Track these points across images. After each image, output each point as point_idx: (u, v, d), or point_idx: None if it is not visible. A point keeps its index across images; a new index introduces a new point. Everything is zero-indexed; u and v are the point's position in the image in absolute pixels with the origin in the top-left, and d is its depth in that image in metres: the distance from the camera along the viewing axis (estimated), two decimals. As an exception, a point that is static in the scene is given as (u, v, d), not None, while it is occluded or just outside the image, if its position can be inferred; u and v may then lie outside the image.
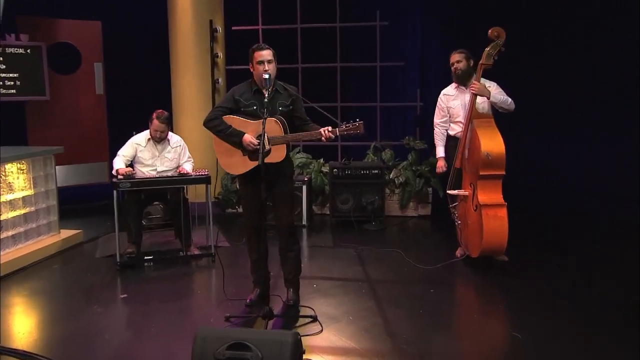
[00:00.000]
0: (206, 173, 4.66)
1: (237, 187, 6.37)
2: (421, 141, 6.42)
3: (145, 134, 4.85)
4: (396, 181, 6.25)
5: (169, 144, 4.87)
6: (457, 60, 4.48)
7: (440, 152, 4.66)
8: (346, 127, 3.21)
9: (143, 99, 7.60)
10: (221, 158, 3.60)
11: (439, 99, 4.67)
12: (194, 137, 6.42)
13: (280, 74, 3.70)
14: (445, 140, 4.68)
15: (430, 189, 6.25)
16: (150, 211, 5.22)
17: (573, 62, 7.15)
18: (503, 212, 4.09)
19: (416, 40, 8.02)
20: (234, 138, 3.51)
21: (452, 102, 4.60)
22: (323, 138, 3.27)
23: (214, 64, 6.57)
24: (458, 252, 4.74)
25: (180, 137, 5.45)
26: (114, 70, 7.53)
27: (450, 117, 4.63)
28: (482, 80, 4.40)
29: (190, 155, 5.02)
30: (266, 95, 3.40)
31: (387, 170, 6.27)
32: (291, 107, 3.55)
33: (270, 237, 3.83)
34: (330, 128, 3.25)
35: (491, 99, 4.31)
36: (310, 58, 6.94)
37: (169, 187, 4.69)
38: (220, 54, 6.62)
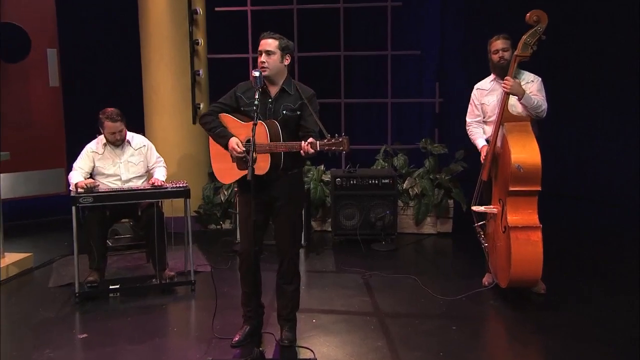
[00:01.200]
0: (184, 185, 4.65)
1: (222, 198, 6.40)
2: (441, 145, 6.38)
3: (100, 139, 4.83)
4: (411, 192, 6.24)
5: (130, 146, 4.85)
6: (504, 48, 4.36)
7: (480, 142, 4.48)
8: (327, 142, 3.23)
9: (108, 93, 7.58)
10: (213, 161, 3.69)
11: (472, 95, 4.60)
12: (169, 139, 6.40)
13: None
14: (483, 133, 4.56)
15: (451, 202, 6.22)
16: (117, 230, 5.16)
17: (626, 54, 7.04)
18: (537, 236, 3.99)
19: (435, 25, 7.99)
20: (221, 140, 3.57)
21: (486, 98, 4.52)
22: (302, 152, 3.30)
23: (193, 52, 6.52)
24: (485, 280, 4.68)
25: (151, 139, 5.36)
26: (72, 58, 7.47)
27: (483, 115, 4.56)
28: (525, 73, 4.33)
29: (160, 156, 5.01)
30: (256, 97, 3.40)
31: (400, 179, 6.28)
32: (298, 112, 3.55)
33: (266, 259, 3.86)
34: (311, 141, 3.28)
35: (522, 100, 4.24)
36: (308, 45, 6.92)
37: (139, 202, 4.68)
38: (201, 40, 6.56)
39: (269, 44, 3.52)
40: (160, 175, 4.85)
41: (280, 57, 3.53)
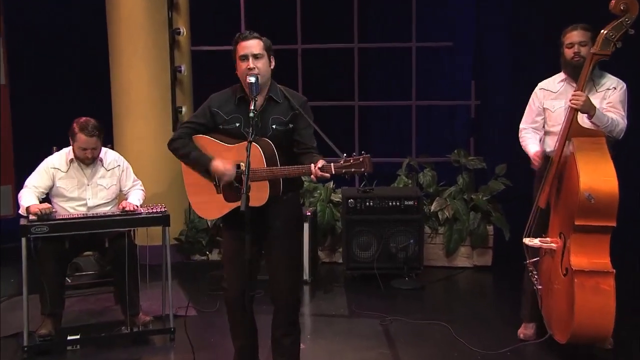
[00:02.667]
0: (163, 209, 4.67)
1: (208, 223, 6.41)
2: (477, 158, 6.37)
3: (66, 153, 4.82)
4: (440, 216, 6.22)
5: (102, 165, 4.87)
6: (581, 41, 4.21)
7: (533, 148, 4.43)
8: (344, 163, 3.24)
9: (68, 94, 7.54)
10: (190, 194, 3.74)
11: (533, 95, 4.50)
12: (144, 151, 6.40)
13: (279, 70, 3.71)
14: (539, 140, 4.46)
15: (490, 228, 6.20)
16: (78, 264, 5.14)
17: None
18: (608, 284, 3.87)
19: (469, 10, 7.93)
20: (199, 166, 3.60)
21: (552, 102, 4.41)
22: (312, 177, 3.31)
23: (173, 43, 6.52)
24: (522, 332, 4.59)
25: (122, 150, 5.31)
26: (22, 50, 7.45)
27: (546, 123, 4.46)
28: (607, 77, 4.20)
29: (137, 179, 5.05)
30: (252, 107, 3.40)
31: (427, 199, 6.29)
32: (291, 125, 3.58)
33: (262, 299, 3.86)
34: (323, 163, 3.29)
35: (593, 119, 4.09)
36: (314, 36, 6.92)
37: (107, 232, 4.66)
38: (184, 30, 6.58)
39: (254, 45, 3.54)
40: (135, 198, 4.87)
41: (267, 59, 3.56)
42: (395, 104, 7.95)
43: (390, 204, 5.87)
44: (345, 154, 3.26)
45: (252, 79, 3.42)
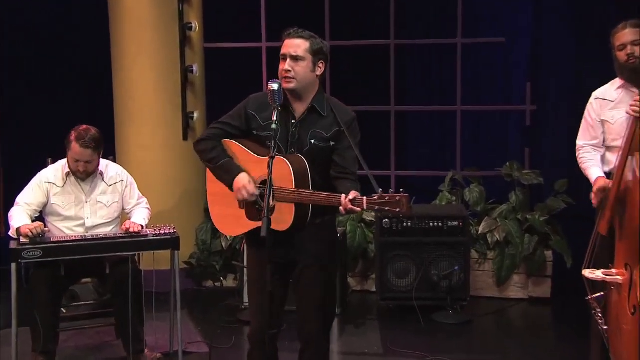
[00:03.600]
0: (172, 230, 4.69)
1: (223, 245, 6.48)
2: (533, 172, 6.32)
3: (62, 165, 4.84)
4: (490, 239, 6.16)
5: (102, 179, 4.88)
6: (634, 40, 4.16)
7: (595, 172, 4.36)
8: (379, 200, 3.28)
9: (67, 99, 7.56)
10: (212, 205, 3.80)
11: (588, 106, 4.44)
12: (150, 161, 6.40)
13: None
14: (600, 162, 4.39)
15: (549, 254, 6.14)
16: (75, 292, 5.11)
17: None
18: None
19: (525, 2, 7.84)
20: (225, 176, 3.64)
21: (611, 113, 4.34)
22: (341, 209, 3.37)
23: (184, 40, 6.51)
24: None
25: (125, 161, 5.33)
26: (9, 47, 7.48)
27: (605, 138, 4.39)
28: None
29: (142, 196, 5.07)
30: (273, 118, 3.46)
31: (474, 219, 6.27)
32: (332, 143, 3.62)
33: (285, 334, 3.83)
34: (355, 195, 3.34)
35: None
36: (343, 31, 6.91)
37: (108, 256, 4.68)
38: (196, 25, 6.55)
39: (297, 45, 3.55)
40: (139, 217, 4.88)
41: (311, 64, 3.57)
42: (437, 109, 7.96)
43: (431, 224, 5.83)
44: (381, 189, 3.27)
45: (274, 86, 3.44)
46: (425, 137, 8.96)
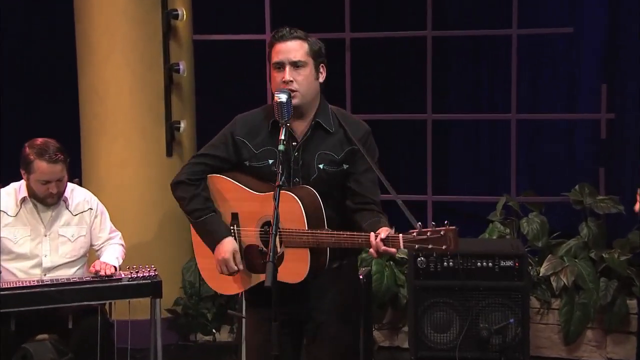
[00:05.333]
0: (152, 273, 4.71)
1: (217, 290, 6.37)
2: (610, 198, 6.29)
3: (15, 189, 4.87)
4: (554, 283, 6.11)
5: (66, 207, 4.90)
6: None
7: None
8: (419, 235, 3.30)
9: (16, 100, 7.54)
10: (199, 255, 3.84)
11: None
12: (126, 182, 6.43)
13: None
14: None
15: (633, 303, 6.08)
16: (29, 352, 4.97)
17: None
18: None
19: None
20: (206, 237, 3.71)
21: None
22: (372, 250, 3.38)
23: (169, 31, 6.53)
24: None
25: (94, 180, 5.48)
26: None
27: None
28: None
29: (115, 229, 5.10)
30: (281, 137, 3.46)
31: (535, 258, 6.26)
32: (345, 166, 3.65)
33: None
34: (387, 233, 3.36)
35: None
36: (367, 21, 7.03)
37: (72, 306, 4.64)
38: (183, 12, 6.56)
39: (295, 48, 3.59)
40: (111, 256, 4.89)
41: (314, 69, 3.63)
42: (486, 117, 7.93)
43: (478, 264, 5.73)
44: (419, 223, 3.30)
45: (282, 97, 3.44)
46: (470, 153, 8.90)
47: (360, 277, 5.79)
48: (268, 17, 6.73)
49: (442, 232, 3.26)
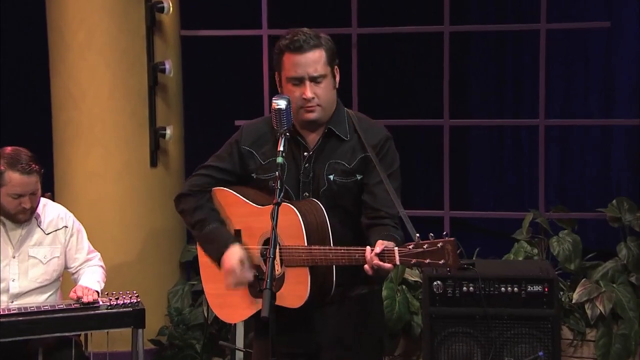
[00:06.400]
0: (135, 300, 4.72)
1: (205, 314, 6.48)
2: None
3: None
4: (589, 311, 6.07)
5: (37, 225, 4.90)
6: None
7: None
8: (415, 248, 3.31)
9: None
10: (207, 282, 3.90)
11: None
12: (104, 196, 6.43)
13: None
14: None
15: None
16: None
17: None
18: None
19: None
20: (210, 249, 3.74)
21: None
22: (366, 267, 3.39)
23: (152, 26, 6.53)
24: None
25: (69, 195, 5.52)
26: None
27: None
28: None
29: (93, 249, 5.12)
30: (280, 148, 3.45)
31: (567, 283, 6.27)
32: (359, 176, 3.69)
33: None
34: (382, 246, 3.36)
35: None
36: (374, 15, 7.05)
37: (43, 338, 4.63)
38: (169, 4, 6.51)
39: (315, 60, 3.60)
40: (92, 279, 4.88)
41: (332, 78, 3.66)
42: (510, 123, 7.90)
43: (502, 289, 5.69)
44: (417, 235, 3.30)
45: (281, 104, 3.44)
46: (493, 163, 8.91)
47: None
48: (265, 10, 6.70)
49: (439, 245, 3.26)
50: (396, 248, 3.30)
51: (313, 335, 3.66)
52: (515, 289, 5.68)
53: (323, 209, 3.52)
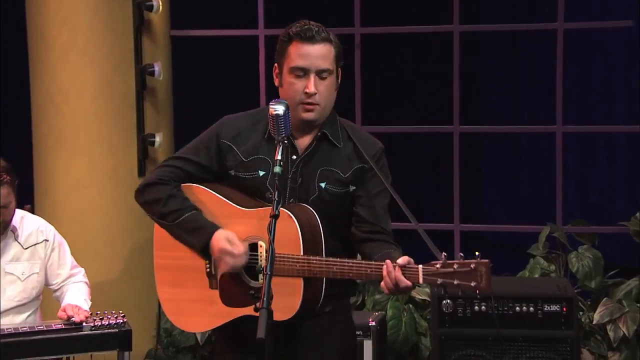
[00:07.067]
0: (121, 321, 4.68)
1: (197, 337, 6.46)
2: None
3: None
4: (612, 334, 6.07)
5: (15, 239, 4.90)
6: None
7: None
8: (443, 268, 3.30)
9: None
10: (160, 282, 3.86)
11: None
12: (88, 206, 6.44)
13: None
14: None
15: None
16: None
17: None
18: None
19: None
20: (191, 237, 3.70)
21: None
22: (382, 285, 3.39)
23: (141, 25, 6.54)
24: None
25: (48, 215, 5.42)
26: None
27: None
28: None
29: (77, 265, 5.13)
30: (277, 157, 3.44)
31: (587, 302, 6.27)
32: (352, 187, 3.71)
33: None
34: (406, 261, 3.36)
35: None
36: (374, 15, 7.02)
37: None
38: (159, 3, 6.51)
39: (324, 54, 3.63)
40: (78, 297, 4.88)
41: (335, 78, 3.69)
42: (525, 130, 7.90)
43: (517, 308, 5.72)
44: (444, 253, 3.28)
45: (279, 109, 3.43)
46: (506, 173, 8.91)
47: (372, 323, 5.80)
48: (261, 8, 6.74)
49: (472, 266, 3.26)
50: (420, 266, 3.31)
51: (295, 350, 3.67)
52: (531, 308, 5.67)
53: (318, 217, 3.54)
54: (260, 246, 3.57)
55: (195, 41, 6.92)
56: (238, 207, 3.63)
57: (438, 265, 3.28)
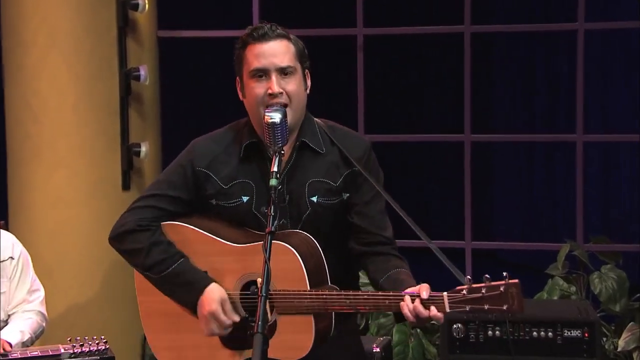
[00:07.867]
0: (103, 347, 4.72)
1: None
2: None
3: None
4: None
5: None
6: None
7: None
8: (470, 292, 3.30)
9: None
10: (154, 333, 3.87)
11: None
12: (67, 229, 6.41)
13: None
14: None
15: None
16: None
17: None
18: None
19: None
20: (181, 292, 3.69)
21: None
22: (406, 311, 3.35)
23: (126, 26, 6.54)
24: None
25: (24, 231, 5.45)
26: None
27: None
28: None
29: (38, 285, 5.15)
30: (274, 169, 3.44)
31: (611, 327, 6.28)
32: (346, 195, 3.72)
33: None
34: (428, 292, 3.34)
35: None
36: (383, 14, 7.05)
37: None
38: (145, 3, 6.52)
39: (282, 51, 3.63)
40: (15, 327, 4.86)
41: (302, 77, 3.68)
42: (542, 139, 7.96)
43: (535, 333, 5.70)
44: (468, 277, 3.30)
45: (276, 117, 3.44)
46: (521, 185, 8.92)
47: (377, 349, 5.76)
48: (256, 7, 6.74)
49: (501, 289, 3.26)
50: (445, 293, 3.28)
51: None
52: (550, 333, 5.66)
53: (317, 244, 3.54)
54: (257, 282, 3.46)
55: (184, 43, 6.92)
56: (227, 242, 3.62)
57: (465, 291, 3.28)
